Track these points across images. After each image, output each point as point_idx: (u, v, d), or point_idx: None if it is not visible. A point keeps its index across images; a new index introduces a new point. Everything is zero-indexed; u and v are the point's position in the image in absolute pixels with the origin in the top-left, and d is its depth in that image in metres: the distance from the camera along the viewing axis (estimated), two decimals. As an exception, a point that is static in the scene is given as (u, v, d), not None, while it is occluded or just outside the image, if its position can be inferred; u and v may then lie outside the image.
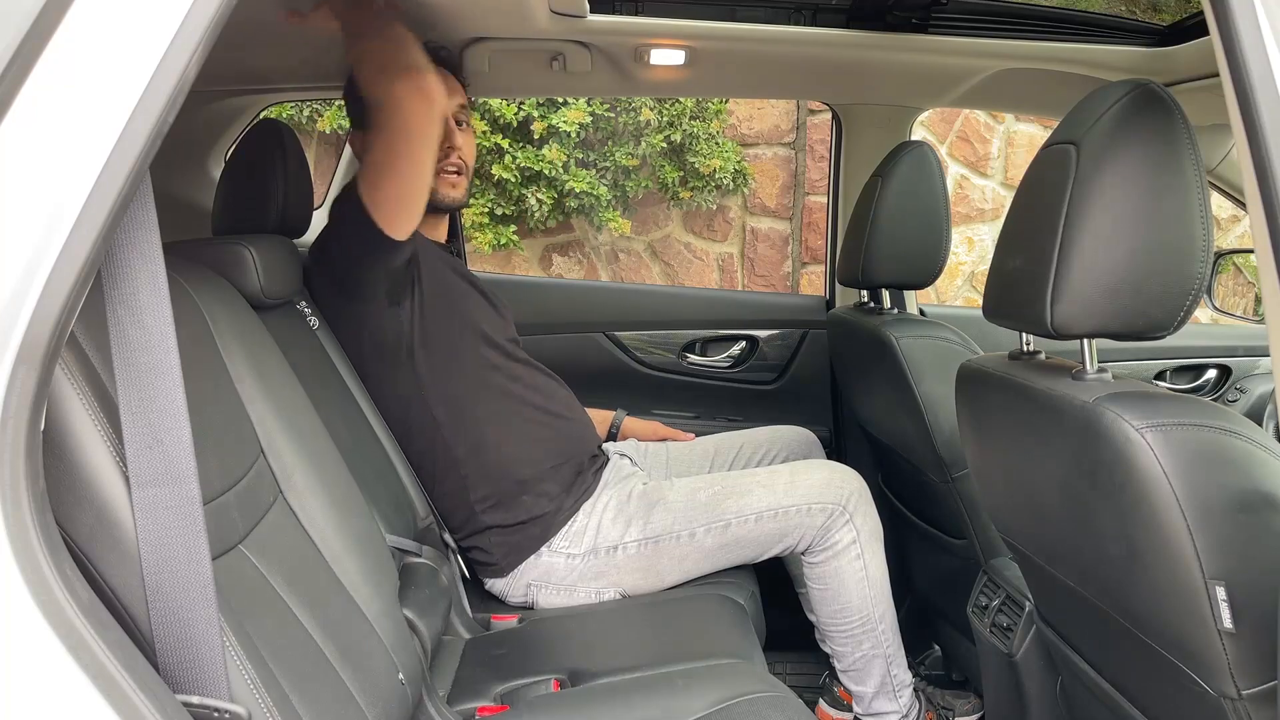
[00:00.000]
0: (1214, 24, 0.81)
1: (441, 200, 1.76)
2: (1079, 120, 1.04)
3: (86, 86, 0.70)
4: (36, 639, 0.68)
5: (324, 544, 1.19)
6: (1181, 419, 0.92)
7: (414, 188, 1.55)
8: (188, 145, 2.17)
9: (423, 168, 1.54)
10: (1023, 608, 1.48)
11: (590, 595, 1.69)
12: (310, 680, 0.99)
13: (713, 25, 1.79)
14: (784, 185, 4.30)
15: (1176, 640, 0.98)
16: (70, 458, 0.78)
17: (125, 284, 0.76)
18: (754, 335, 2.45)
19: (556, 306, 2.47)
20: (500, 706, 1.40)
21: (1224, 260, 2.92)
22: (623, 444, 2.02)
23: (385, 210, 1.54)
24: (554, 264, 4.38)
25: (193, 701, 0.78)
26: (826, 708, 1.86)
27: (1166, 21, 1.83)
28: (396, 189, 1.54)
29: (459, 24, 1.76)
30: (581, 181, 3.99)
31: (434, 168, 1.63)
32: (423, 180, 1.56)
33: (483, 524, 1.70)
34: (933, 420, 1.68)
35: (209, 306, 1.15)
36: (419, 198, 1.56)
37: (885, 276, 1.87)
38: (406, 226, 1.56)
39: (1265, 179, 0.77)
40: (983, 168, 4.31)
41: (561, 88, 2.53)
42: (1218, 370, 2.52)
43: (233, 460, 1.06)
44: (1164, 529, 0.91)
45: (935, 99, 2.26)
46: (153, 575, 0.78)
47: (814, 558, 1.68)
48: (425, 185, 1.57)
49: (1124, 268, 0.98)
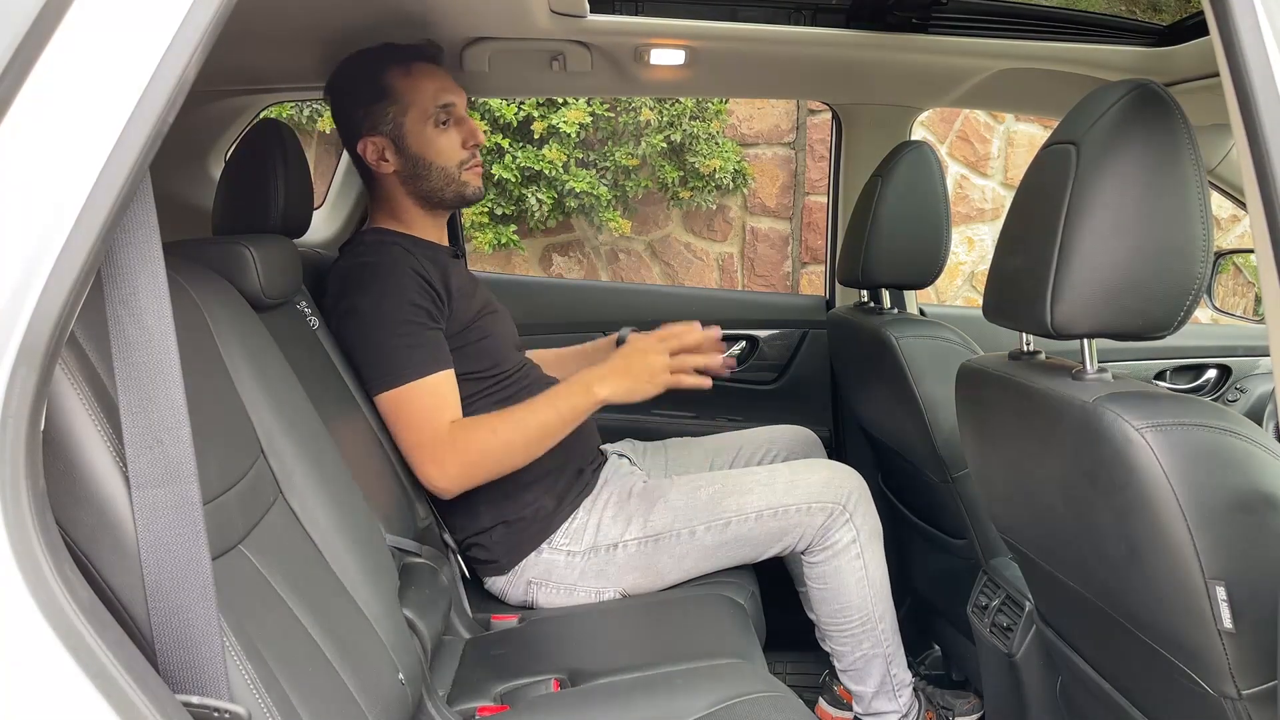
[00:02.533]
0: (1214, 24, 0.81)
1: (475, 193, 1.77)
2: (1079, 120, 1.04)
3: (86, 86, 0.70)
4: (36, 639, 0.68)
5: (324, 544, 1.19)
6: (1181, 419, 0.92)
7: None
8: (188, 145, 2.17)
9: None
10: (1023, 608, 1.48)
11: (590, 595, 1.69)
12: (310, 680, 0.99)
13: (713, 25, 1.79)
14: (784, 185, 4.30)
15: (1176, 640, 0.98)
16: (70, 458, 0.78)
17: (125, 284, 0.76)
18: (754, 335, 2.45)
19: (556, 306, 2.47)
20: (500, 706, 1.40)
21: (1224, 260, 2.92)
22: (621, 444, 2.01)
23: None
24: (554, 264, 4.38)
25: (193, 701, 0.78)
26: (826, 707, 1.86)
27: (1166, 21, 1.83)
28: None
29: (459, 24, 1.76)
30: (581, 181, 3.99)
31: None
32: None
33: (483, 523, 1.70)
34: (933, 420, 1.68)
35: (209, 306, 1.15)
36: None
37: (885, 276, 1.87)
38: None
39: (1265, 179, 0.77)
40: (983, 168, 4.31)
41: (561, 88, 2.53)
42: (1218, 370, 2.52)
43: (233, 460, 1.06)
44: (1164, 529, 0.91)
45: (935, 99, 2.26)
46: (153, 575, 0.78)
47: (814, 557, 1.68)
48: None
49: (1124, 268, 0.98)
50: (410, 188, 1.73)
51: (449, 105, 1.70)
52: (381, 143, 1.71)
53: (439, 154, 1.70)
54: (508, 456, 1.60)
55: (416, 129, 1.69)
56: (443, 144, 1.70)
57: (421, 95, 1.68)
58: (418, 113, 1.68)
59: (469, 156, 1.73)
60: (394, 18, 1.67)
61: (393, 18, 1.67)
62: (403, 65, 1.69)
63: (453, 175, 1.72)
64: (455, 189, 1.73)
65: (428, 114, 1.68)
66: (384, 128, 1.70)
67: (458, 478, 1.58)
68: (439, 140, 1.70)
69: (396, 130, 1.69)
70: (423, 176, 1.71)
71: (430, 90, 1.69)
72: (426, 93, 1.68)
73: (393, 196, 1.75)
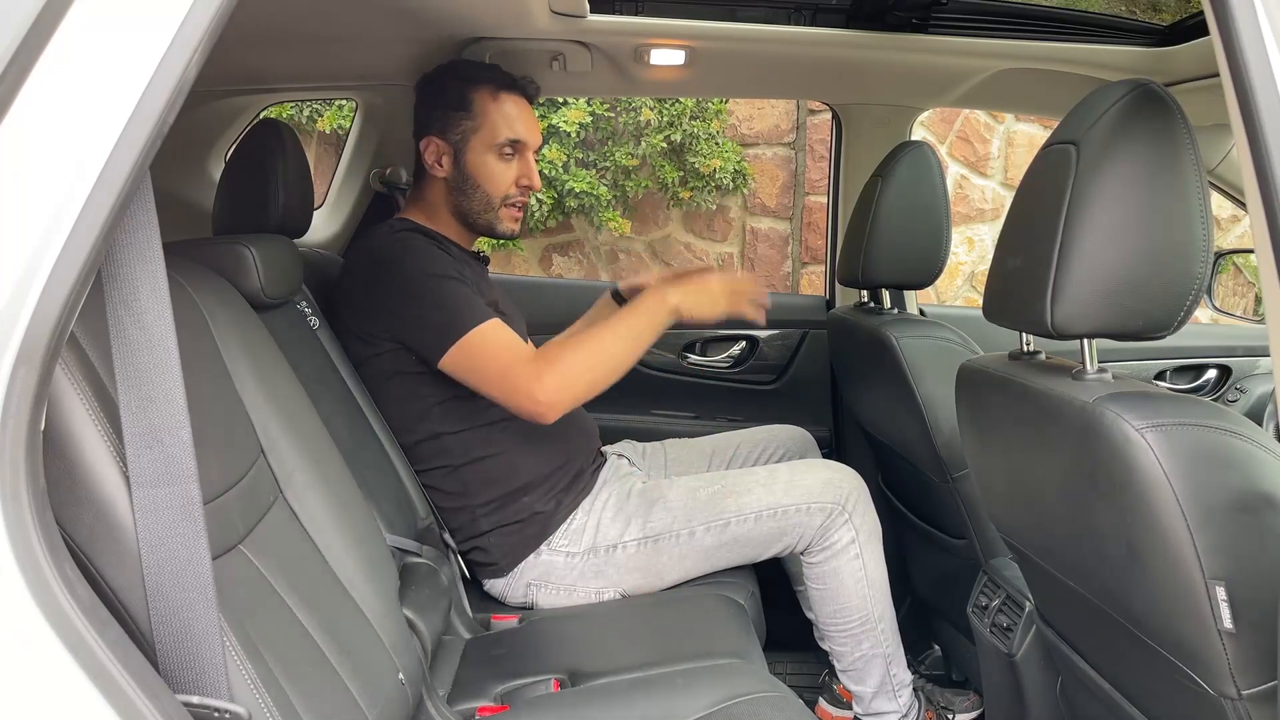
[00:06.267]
0: (1214, 24, 0.81)
1: (503, 231, 1.78)
2: (1079, 120, 1.04)
3: (86, 87, 0.70)
4: (36, 639, 0.68)
5: (324, 544, 1.19)
6: (1182, 419, 0.92)
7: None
8: (188, 145, 2.17)
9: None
10: (1023, 608, 1.48)
11: (590, 595, 1.69)
12: (310, 680, 0.99)
13: (713, 25, 1.80)
14: (784, 185, 4.30)
15: (1176, 640, 0.98)
16: (70, 458, 0.78)
17: (125, 284, 0.76)
18: (754, 335, 2.45)
19: (556, 306, 2.47)
20: (500, 706, 1.40)
21: (1224, 260, 2.92)
22: (621, 445, 2.01)
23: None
24: (554, 264, 4.38)
25: (193, 701, 0.78)
26: (826, 706, 1.86)
27: (1166, 21, 1.84)
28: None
29: (459, 24, 1.76)
30: (581, 181, 3.99)
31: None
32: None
33: (482, 527, 1.70)
34: (933, 420, 1.68)
35: (209, 306, 1.15)
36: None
37: (885, 276, 1.87)
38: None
39: (1265, 179, 0.77)
40: (983, 168, 4.31)
41: (561, 88, 2.53)
42: (1218, 370, 2.52)
43: (233, 460, 1.06)
44: (1164, 529, 0.91)
45: (935, 99, 2.26)
46: (153, 575, 0.78)
47: (813, 557, 1.68)
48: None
49: (1124, 268, 0.98)
50: (452, 199, 1.75)
51: (518, 142, 1.73)
52: (444, 147, 1.73)
53: (489, 180, 1.72)
54: (602, 365, 1.56)
55: (479, 150, 1.71)
56: (496, 172, 1.72)
57: (498, 122, 1.71)
58: (487, 135, 1.71)
59: (516, 194, 1.75)
60: (395, 18, 1.67)
61: (393, 18, 1.67)
62: (493, 87, 1.71)
63: (493, 205, 1.74)
64: (488, 219, 1.75)
65: (496, 140, 1.71)
66: (452, 136, 1.72)
67: (557, 390, 1.52)
68: (494, 167, 1.72)
69: (462, 143, 1.72)
70: (467, 194, 1.73)
71: (507, 120, 1.71)
72: (503, 121, 1.71)
73: (434, 198, 1.77)
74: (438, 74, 1.76)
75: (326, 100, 3.78)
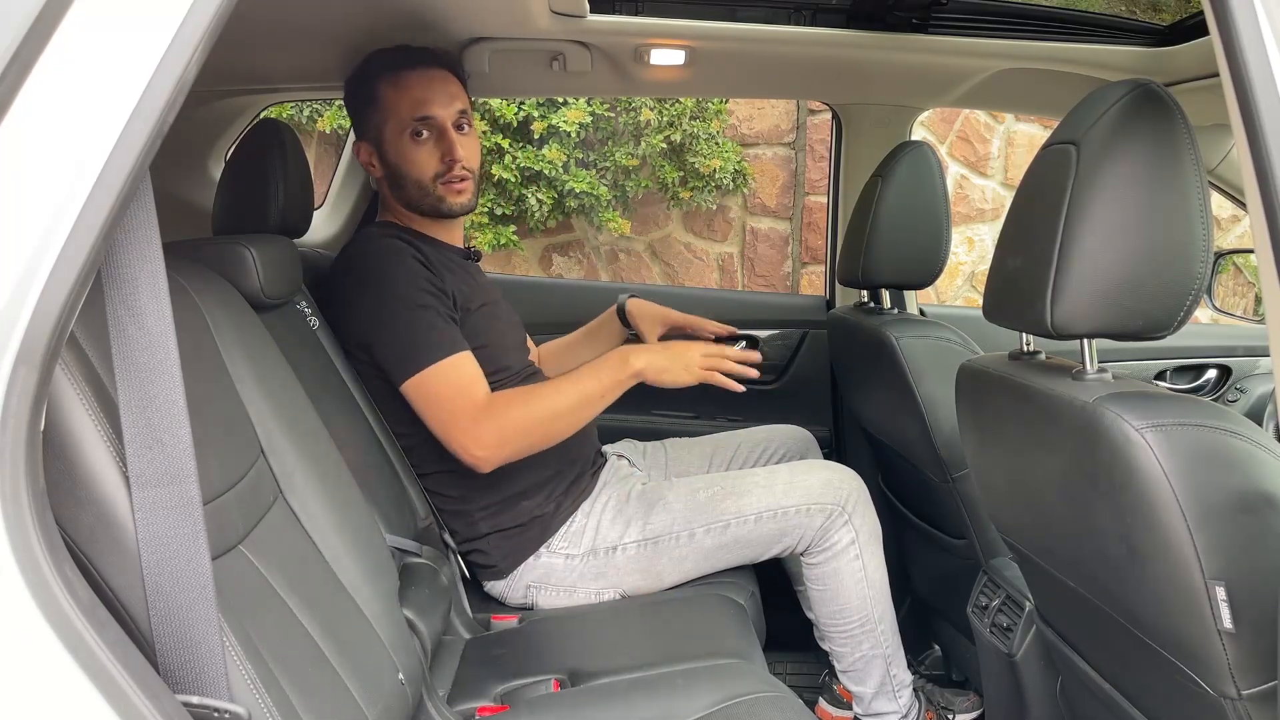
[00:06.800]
0: (1214, 24, 0.81)
1: (450, 209, 1.73)
2: (1079, 120, 1.04)
3: (86, 87, 0.70)
4: (36, 639, 0.68)
5: (324, 544, 1.19)
6: (1182, 419, 0.92)
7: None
8: (188, 145, 2.17)
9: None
10: (1023, 608, 1.48)
11: (590, 596, 1.69)
12: (310, 680, 0.99)
13: (713, 25, 1.79)
14: (784, 185, 4.30)
15: (1176, 640, 0.98)
16: (70, 458, 0.78)
17: (125, 284, 0.76)
18: (754, 335, 2.45)
19: (556, 306, 2.47)
20: (500, 706, 1.40)
21: (1224, 260, 2.92)
22: (621, 444, 2.01)
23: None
24: (554, 264, 4.38)
25: (193, 701, 0.78)
26: (826, 706, 1.86)
27: (1166, 21, 1.83)
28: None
29: (459, 24, 1.76)
30: (581, 181, 3.99)
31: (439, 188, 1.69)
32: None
33: (481, 529, 1.70)
34: (933, 420, 1.68)
35: (209, 306, 1.15)
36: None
37: (885, 276, 1.87)
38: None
39: (1265, 179, 0.77)
40: (983, 168, 4.31)
41: (561, 88, 2.53)
42: (1218, 370, 2.52)
43: (233, 460, 1.06)
44: (1164, 529, 0.91)
45: (935, 99, 2.26)
46: (153, 575, 0.78)
47: (813, 558, 1.68)
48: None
49: (1124, 268, 0.98)
50: (395, 194, 1.74)
51: (427, 119, 1.67)
52: (369, 147, 1.72)
53: (411, 165, 1.69)
54: (546, 425, 1.57)
55: (394, 139, 1.69)
56: (416, 156, 1.69)
57: (400, 106, 1.67)
58: (396, 123, 1.68)
59: (444, 170, 1.69)
60: (394, 18, 1.67)
61: (393, 18, 1.67)
62: (391, 73, 1.68)
63: (427, 189, 1.70)
64: (431, 202, 1.71)
65: (404, 125, 1.67)
66: (371, 134, 1.71)
67: (494, 446, 1.54)
68: (412, 152, 1.69)
69: (378, 138, 1.70)
70: (402, 186, 1.72)
71: (409, 102, 1.67)
72: (405, 104, 1.67)
73: (387, 198, 1.78)
74: (350, 76, 1.74)
75: (326, 100, 3.78)
